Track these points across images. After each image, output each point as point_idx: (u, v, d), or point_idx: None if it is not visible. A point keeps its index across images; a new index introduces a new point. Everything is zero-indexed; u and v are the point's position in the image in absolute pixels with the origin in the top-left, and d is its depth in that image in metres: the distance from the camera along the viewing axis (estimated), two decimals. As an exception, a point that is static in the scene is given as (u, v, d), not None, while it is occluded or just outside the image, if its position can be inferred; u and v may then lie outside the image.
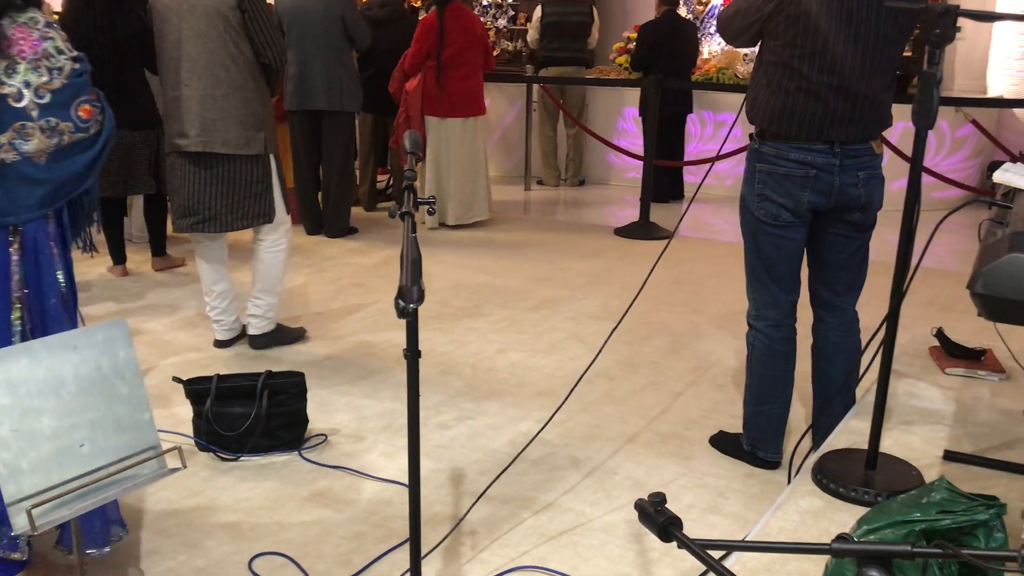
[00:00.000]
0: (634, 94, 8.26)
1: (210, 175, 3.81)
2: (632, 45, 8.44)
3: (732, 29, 2.84)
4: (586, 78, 8.26)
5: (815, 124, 2.69)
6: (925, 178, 2.95)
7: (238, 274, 5.09)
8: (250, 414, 3.11)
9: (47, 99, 2.12)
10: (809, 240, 2.90)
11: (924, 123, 2.21)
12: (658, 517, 1.37)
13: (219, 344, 4.18)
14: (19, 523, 1.68)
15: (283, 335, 4.23)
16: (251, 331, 4.15)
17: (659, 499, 1.39)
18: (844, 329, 2.98)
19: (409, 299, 1.52)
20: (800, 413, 3.47)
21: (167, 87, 3.83)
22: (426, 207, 2.00)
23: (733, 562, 2.20)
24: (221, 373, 3.21)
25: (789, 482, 2.76)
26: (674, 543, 1.34)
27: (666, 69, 7.33)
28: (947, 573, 1.78)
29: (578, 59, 8.23)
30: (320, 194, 6.54)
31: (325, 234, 6.45)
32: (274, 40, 3.83)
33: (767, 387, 2.97)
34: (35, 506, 1.68)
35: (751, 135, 2.87)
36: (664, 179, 7.85)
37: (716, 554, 1.92)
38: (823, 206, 2.77)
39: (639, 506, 1.40)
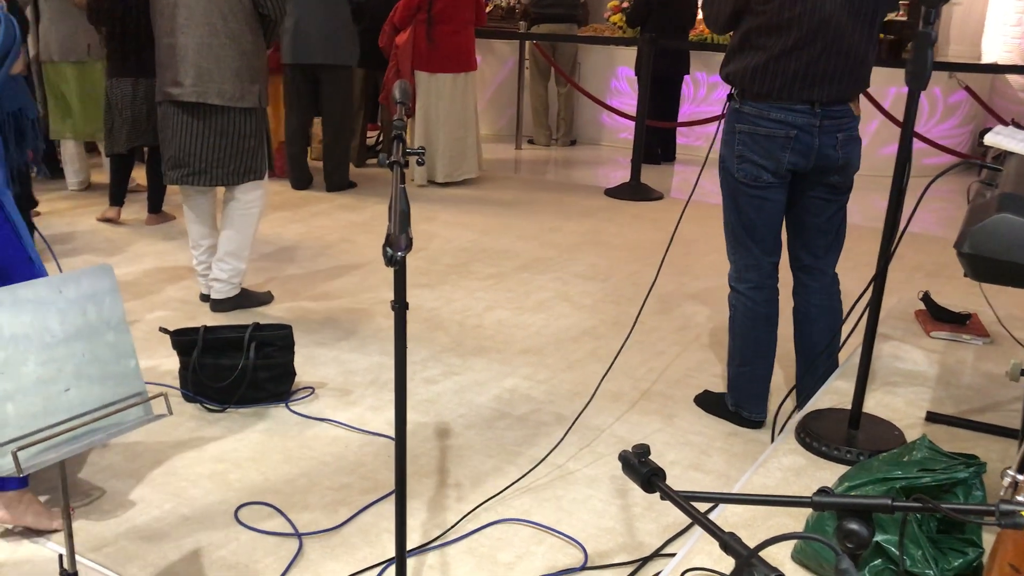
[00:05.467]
0: (628, 53, 8.21)
1: (203, 126, 3.75)
2: (626, 3, 8.36)
3: (713, 14, 2.81)
4: (580, 36, 8.19)
5: (796, 83, 2.68)
6: (916, 144, 2.92)
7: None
8: (237, 366, 3.10)
9: None
10: (788, 204, 2.90)
11: (917, 83, 2.21)
12: (641, 468, 1.37)
13: (205, 298, 4.16)
14: (4, 465, 1.68)
15: (247, 299, 4.09)
16: (214, 295, 4.01)
17: (643, 451, 1.39)
18: (825, 291, 2.99)
19: (397, 247, 1.51)
20: (783, 374, 3.49)
21: (161, 34, 3.75)
22: (415, 158, 1.98)
23: (715, 517, 2.23)
24: (208, 325, 3.21)
25: (772, 441, 2.79)
26: (657, 496, 1.35)
27: (662, 27, 7.26)
28: (926, 528, 1.81)
29: (570, 16, 8.15)
30: (309, 149, 6.51)
31: (326, 188, 6.43)
32: None
33: (750, 348, 2.98)
34: (20, 448, 1.68)
35: (729, 95, 2.85)
36: (656, 140, 7.82)
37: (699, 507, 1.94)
38: (802, 167, 2.77)
39: (623, 457, 1.40)
